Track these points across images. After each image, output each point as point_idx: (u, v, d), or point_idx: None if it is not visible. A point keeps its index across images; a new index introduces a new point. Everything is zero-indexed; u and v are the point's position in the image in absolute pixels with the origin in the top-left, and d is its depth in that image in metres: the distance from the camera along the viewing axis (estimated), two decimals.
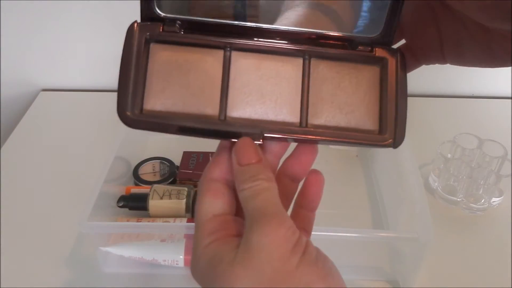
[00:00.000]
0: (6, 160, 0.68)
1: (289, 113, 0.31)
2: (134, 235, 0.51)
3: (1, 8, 0.74)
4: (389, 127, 0.31)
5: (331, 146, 0.70)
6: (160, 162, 0.65)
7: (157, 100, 0.31)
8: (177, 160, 0.64)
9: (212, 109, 0.31)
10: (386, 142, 0.31)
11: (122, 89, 0.30)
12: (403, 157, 0.55)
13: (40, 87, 0.84)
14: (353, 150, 0.70)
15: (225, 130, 0.30)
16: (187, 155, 0.64)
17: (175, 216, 0.54)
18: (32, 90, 0.84)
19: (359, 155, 0.69)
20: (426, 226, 0.46)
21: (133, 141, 0.66)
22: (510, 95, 0.85)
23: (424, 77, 0.84)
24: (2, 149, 0.70)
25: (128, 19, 0.34)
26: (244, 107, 0.31)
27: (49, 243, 0.55)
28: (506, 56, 0.29)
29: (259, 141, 0.30)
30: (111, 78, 0.90)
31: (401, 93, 0.31)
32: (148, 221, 0.53)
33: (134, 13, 0.35)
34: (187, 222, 0.53)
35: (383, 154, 0.65)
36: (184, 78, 0.31)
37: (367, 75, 0.31)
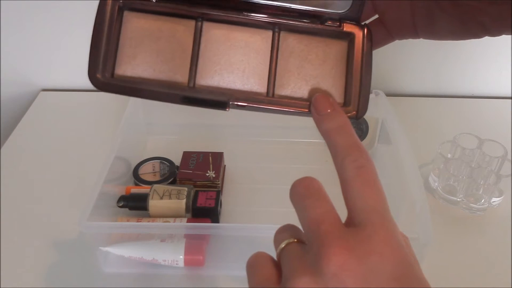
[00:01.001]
0: (6, 160, 0.68)
1: (256, 83, 0.32)
2: (134, 235, 0.51)
3: (1, 8, 0.74)
4: (353, 100, 0.32)
5: None
6: (160, 162, 0.65)
7: (128, 66, 0.32)
8: (177, 160, 0.65)
9: (181, 76, 0.32)
10: (349, 114, 0.32)
11: (94, 53, 0.32)
12: (403, 157, 0.55)
13: (40, 87, 0.84)
14: None
15: (193, 97, 0.31)
16: (187, 155, 0.64)
17: (175, 216, 0.54)
18: (32, 90, 0.84)
19: None
20: (426, 226, 0.46)
21: (133, 141, 0.66)
22: (510, 95, 0.85)
23: (424, 77, 0.84)
24: (2, 149, 0.70)
25: None
26: (213, 76, 0.32)
27: (49, 243, 0.55)
28: (477, 29, 0.29)
29: (226, 109, 0.31)
30: None
31: (366, 68, 0.32)
32: (148, 221, 0.53)
33: None
34: (187, 222, 0.53)
35: (383, 154, 0.65)
36: (156, 46, 0.32)
37: (335, 49, 0.33)
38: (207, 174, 0.61)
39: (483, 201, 0.60)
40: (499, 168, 0.60)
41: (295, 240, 0.26)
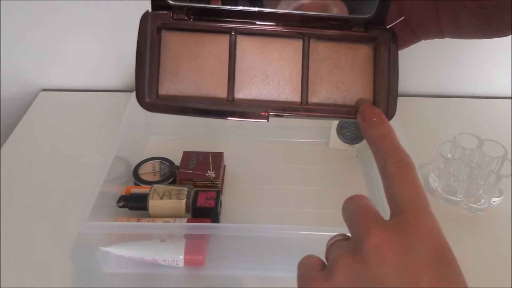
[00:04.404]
0: (6, 160, 0.68)
1: (291, 92, 0.34)
2: (134, 235, 0.51)
3: (1, 8, 0.74)
4: (382, 102, 0.33)
5: (331, 146, 0.70)
6: (160, 162, 0.65)
7: (171, 85, 0.33)
8: (177, 160, 0.65)
9: (221, 91, 0.33)
10: None
11: (140, 76, 0.33)
12: None
13: (40, 87, 0.84)
14: (353, 150, 0.70)
15: (233, 111, 0.33)
16: (187, 155, 0.64)
17: (175, 216, 0.54)
18: (32, 90, 0.84)
19: (359, 155, 0.69)
20: None
21: (133, 141, 0.66)
22: (510, 95, 0.85)
23: (424, 77, 0.84)
24: (2, 149, 0.70)
25: (128, 19, 0.35)
26: (250, 88, 0.33)
27: (49, 243, 0.55)
28: (502, 27, 0.30)
29: (265, 120, 0.33)
30: (111, 78, 0.91)
31: (393, 70, 0.34)
32: (148, 221, 0.53)
33: (134, 13, 0.35)
34: (187, 222, 0.53)
35: None
36: (195, 63, 0.33)
37: (362, 54, 0.34)
38: (207, 174, 0.61)
39: (483, 201, 0.60)
40: (499, 168, 0.60)
41: (343, 238, 0.28)
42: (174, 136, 0.72)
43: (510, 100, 0.83)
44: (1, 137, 0.81)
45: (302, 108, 0.33)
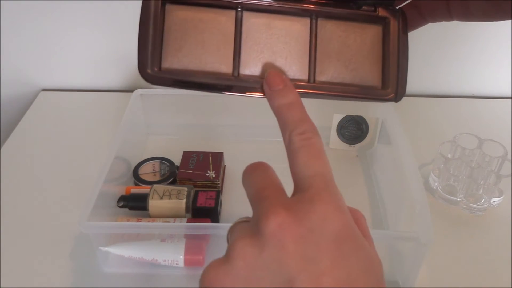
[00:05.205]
0: (6, 160, 0.68)
1: (298, 70, 0.33)
2: (134, 235, 0.51)
3: (1, 8, 0.74)
4: (391, 82, 0.33)
5: (331, 146, 0.70)
6: (160, 162, 0.65)
7: (174, 58, 0.32)
8: (177, 160, 0.64)
9: (226, 67, 0.33)
10: (388, 96, 0.33)
11: (142, 48, 0.32)
12: (403, 157, 0.55)
13: (40, 87, 0.84)
14: (353, 150, 0.70)
15: (239, 86, 0.32)
16: (187, 155, 0.64)
17: (175, 216, 0.54)
18: (32, 90, 0.84)
19: (359, 155, 0.69)
20: (426, 226, 0.46)
21: (133, 141, 0.66)
22: (510, 95, 0.85)
23: (424, 77, 0.84)
24: (2, 149, 0.70)
25: (129, 19, 0.34)
26: (256, 64, 0.33)
27: (49, 243, 0.55)
28: (510, 9, 0.29)
29: None
30: (111, 78, 0.90)
31: (402, 51, 0.33)
32: (148, 221, 0.53)
33: (134, 14, 0.35)
34: (187, 222, 0.53)
35: (383, 154, 0.65)
36: (200, 37, 0.32)
37: (371, 34, 0.33)
38: (207, 174, 0.61)
39: (483, 201, 0.60)
40: (499, 168, 0.60)
41: (244, 220, 0.27)
42: (174, 136, 0.72)
43: (510, 100, 0.83)
44: (1, 137, 0.81)
45: (310, 86, 0.33)
